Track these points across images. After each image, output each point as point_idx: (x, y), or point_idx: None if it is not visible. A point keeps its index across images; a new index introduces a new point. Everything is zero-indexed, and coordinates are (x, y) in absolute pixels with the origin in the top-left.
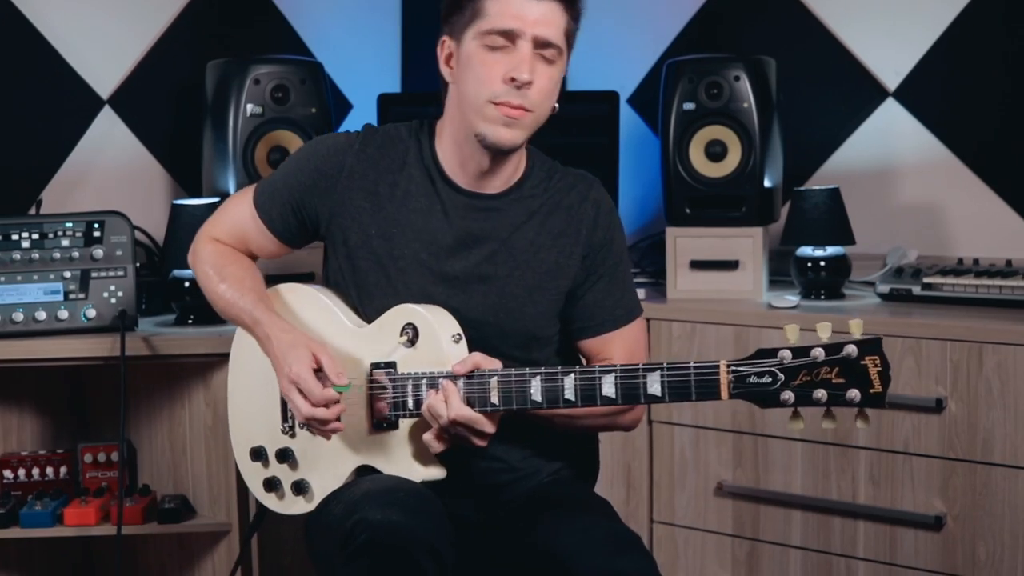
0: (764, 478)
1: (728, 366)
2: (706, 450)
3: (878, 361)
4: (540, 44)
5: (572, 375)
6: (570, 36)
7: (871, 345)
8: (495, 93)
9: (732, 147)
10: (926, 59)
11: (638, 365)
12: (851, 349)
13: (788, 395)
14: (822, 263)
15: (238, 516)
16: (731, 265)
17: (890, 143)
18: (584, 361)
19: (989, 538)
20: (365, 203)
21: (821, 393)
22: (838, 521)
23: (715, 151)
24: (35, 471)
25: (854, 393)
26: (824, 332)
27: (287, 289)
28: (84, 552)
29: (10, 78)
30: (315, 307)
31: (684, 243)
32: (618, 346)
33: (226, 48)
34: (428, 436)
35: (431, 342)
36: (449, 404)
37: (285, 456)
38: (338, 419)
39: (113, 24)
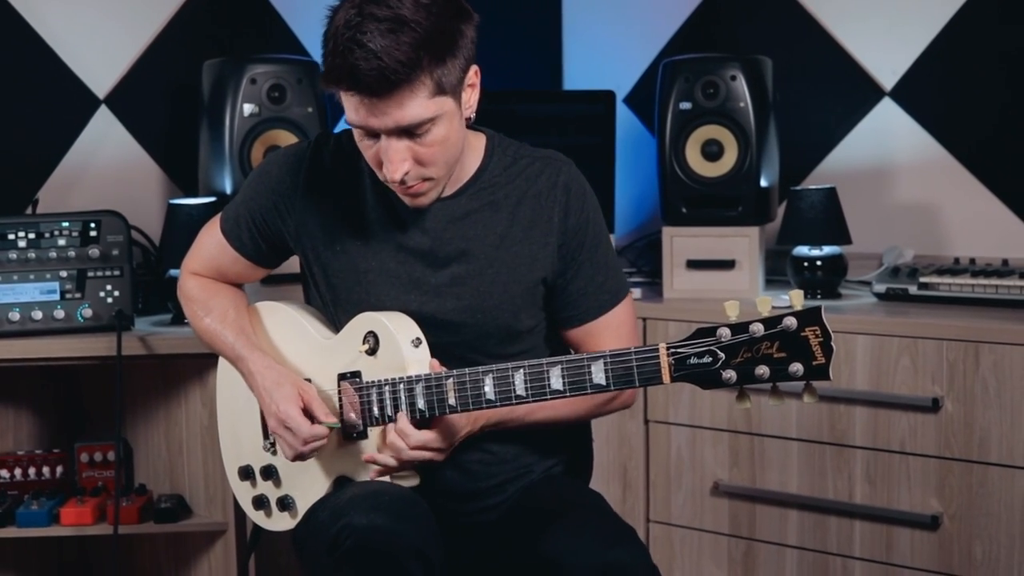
0: (760, 477)
1: (668, 348)
2: (702, 449)
3: (819, 332)
4: (401, 132)
5: (522, 371)
6: (442, 86)
7: (810, 315)
8: (384, 177)
9: (728, 146)
10: (923, 58)
11: (583, 355)
12: (790, 321)
13: (730, 374)
14: (818, 262)
15: (234, 516)
16: (727, 265)
17: (886, 142)
18: (573, 350)
19: (985, 537)
20: (326, 218)
21: (763, 369)
22: (834, 521)
23: (711, 150)
24: (31, 470)
25: (796, 367)
26: (764, 307)
27: (264, 308)
28: (80, 552)
29: (6, 77)
30: (286, 324)
31: (680, 243)
32: (606, 332)
33: (222, 48)
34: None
35: (391, 348)
36: (405, 434)
37: (270, 473)
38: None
39: (109, 23)
